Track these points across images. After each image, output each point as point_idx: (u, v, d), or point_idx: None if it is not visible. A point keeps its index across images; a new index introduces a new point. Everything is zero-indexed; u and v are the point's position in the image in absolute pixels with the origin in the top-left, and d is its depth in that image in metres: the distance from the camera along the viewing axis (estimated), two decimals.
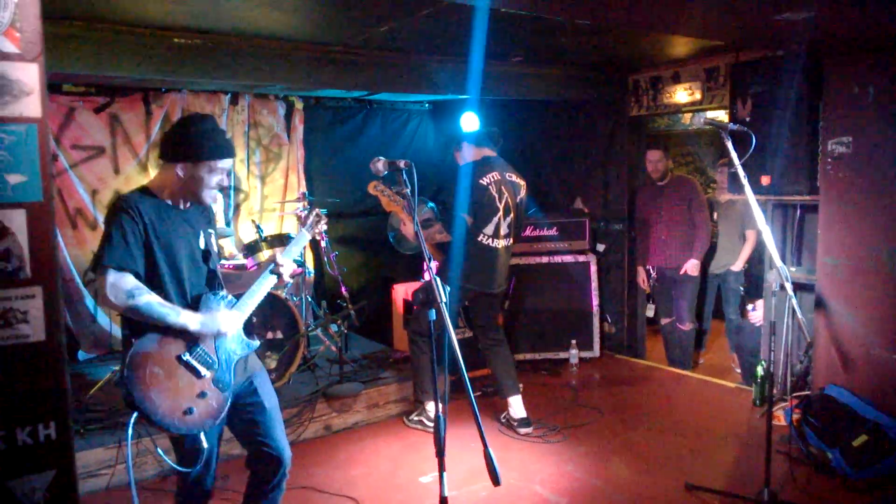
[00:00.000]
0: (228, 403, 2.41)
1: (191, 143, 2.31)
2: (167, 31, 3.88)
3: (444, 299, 2.11)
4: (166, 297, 2.30)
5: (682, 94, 5.32)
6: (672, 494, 3.44)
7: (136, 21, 3.71)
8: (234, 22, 3.83)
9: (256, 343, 2.54)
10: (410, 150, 6.73)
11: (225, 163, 2.38)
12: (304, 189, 6.05)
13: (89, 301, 5.29)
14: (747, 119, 4.22)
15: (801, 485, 3.49)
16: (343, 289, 5.24)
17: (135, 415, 2.21)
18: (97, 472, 3.54)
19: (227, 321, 2.39)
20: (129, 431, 2.20)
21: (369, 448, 4.13)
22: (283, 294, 4.49)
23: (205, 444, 2.35)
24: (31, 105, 1.81)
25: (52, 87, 5.01)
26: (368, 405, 4.49)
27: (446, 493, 2.12)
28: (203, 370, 2.33)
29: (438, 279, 2.11)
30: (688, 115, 6.99)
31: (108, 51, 3.79)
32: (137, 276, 2.24)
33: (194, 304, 2.38)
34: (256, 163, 5.97)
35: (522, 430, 4.25)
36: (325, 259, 5.26)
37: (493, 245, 4.18)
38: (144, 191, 2.37)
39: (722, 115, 6.14)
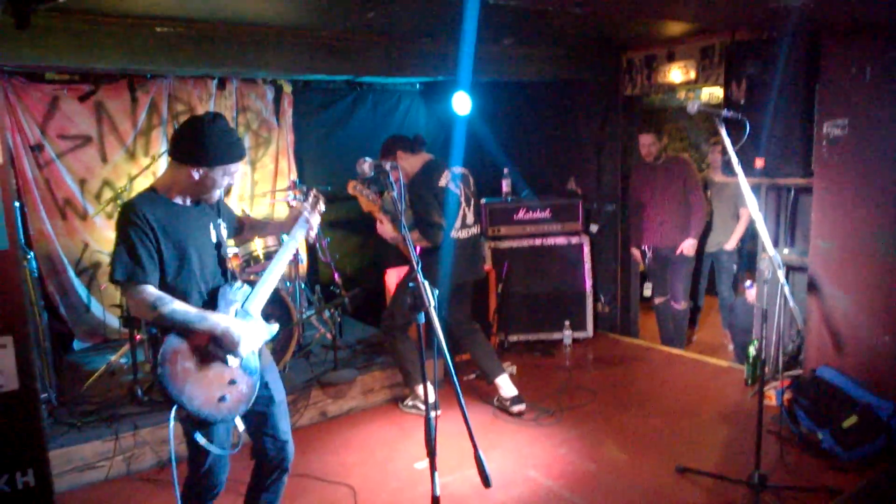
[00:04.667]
0: (258, 386, 2.48)
1: (207, 147, 2.28)
2: (149, 20, 3.80)
3: (432, 303, 2.11)
4: (185, 294, 2.35)
5: (676, 74, 5.26)
6: (664, 477, 3.48)
7: (116, 11, 3.62)
8: (217, 9, 3.75)
9: (276, 327, 2.58)
10: (402, 131, 6.63)
11: (237, 165, 2.38)
12: (294, 174, 6.01)
13: (82, 291, 5.29)
14: (742, 101, 4.18)
15: (791, 466, 3.53)
16: (336, 275, 5.24)
17: (175, 407, 2.28)
18: (95, 465, 3.57)
19: (248, 339, 2.41)
20: (171, 423, 2.29)
21: (365, 434, 4.16)
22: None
23: (241, 428, 2.46)
24: None
25: (35, 75, 4.94)
26: (363, 391, 4.52)
27: (438, 493, 2.14)
28: (230, 358, 2.39)
29: (427, 283, 2.10)
30: (682, 92, 6.93)
31: (90, 42, 3.71)
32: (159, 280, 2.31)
33: (211, 297, 2.43)
34: (246, 148, 5.90)
35: (516, 408, 4.27)
36: (318, 245, 5.23)
37: (463, 236, 4.23)
38: (151, 193, 2.37)
39: (717, 93, 6.10)
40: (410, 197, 4.16)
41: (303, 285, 5.31)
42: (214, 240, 2.48)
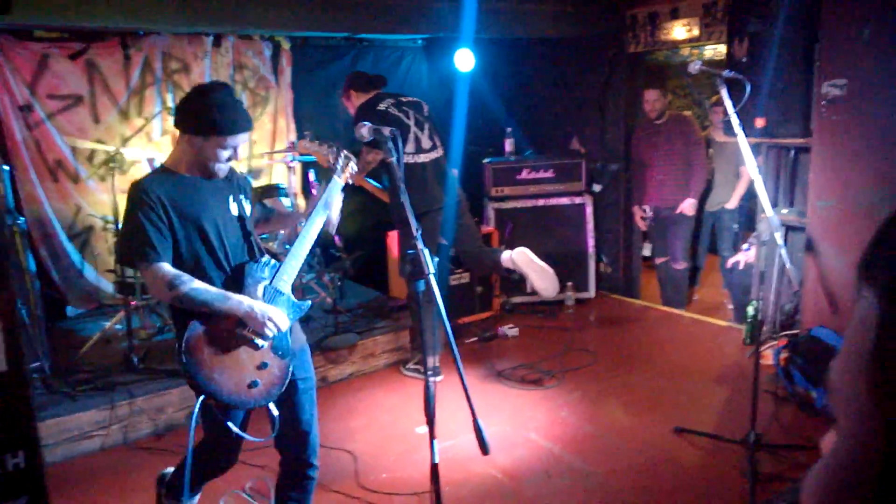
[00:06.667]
0: (291, 368, 2.36)
1: (200, 116, 2.19)
2: None
3: (432, 270, 2.08)
4: (203, 272, 2.24)
5: (680, 31, 5.14)
6: (662, 438, 3.52)
7: None
8: None
9: (308, 303, 2.47)
10: (404, 89, 6.50)
11: (236, 138, 2.24)
12: (293, 134, 5.92)
13: (74, 255, 5.19)
14: (744, 59, 4.10)
15: (786, 424, 3.58)
16: (336, 237, 5.20)
17: (201, 398, 2.17)
18: (91, 434, 3.55)
19: (275, 319, 2.26)
20: (195, 414, 2.17)
21: (367, 399, 4.19)
22: (274, 247, 4.46)
23: (275, 413, 2.34)
24: None
25: (23, 33, 4.80)
26: (364, 355, 4.53)
27: (437, 460, 2.15)
28: (260, 340, 2.27)
29: (427, 251, 2.07)
30: (686, 49, 6.79)
31: (81, 0, 3.61)
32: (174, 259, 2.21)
33: (236, 274, 2.31)
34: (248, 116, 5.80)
35: (515, 253, 4.07)
36: None
37: (420, 161, 4.16)
38: (161, 170, 2.30)
39: (721, 49, 5.97)
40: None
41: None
42: (235, 213, 2.36)
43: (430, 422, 2.14)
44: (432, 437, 2.14)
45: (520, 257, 3.95)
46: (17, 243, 3.75)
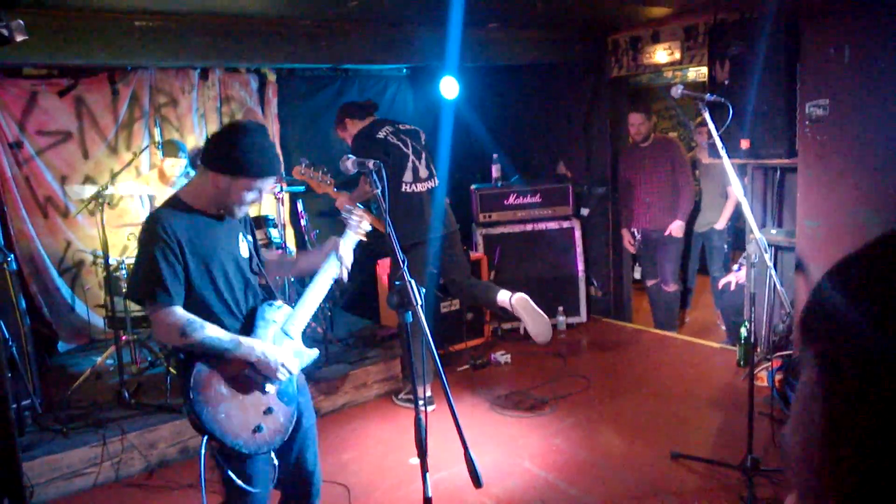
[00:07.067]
0: (295, 417, 2.32)
1: (232, 156, 2.12)
2: (127, 14, 3.71)
3: (419, 301, 2.08)
4: (211, 312, 2.17)
5: (661, 54, 5.21)
6: (658, 464, 3.49)
7: (93, 6, 3.55)
8: (196, 1, 3.67)
9: (316, 352, 2.44)
10: (390, 117, 6.55)
11: (265, 181, 2.20)
12: (282, 167, 5.93)
13: (65, 291, 5.19)
14: (726, 82, 4.16)
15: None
16: None
17: (205, 438, 2.12)
18: (83, 472, 3.51)
19: (290, 362, 2.26)
20: (203, 454, 2.11)
21: (359, 431, 4.14)
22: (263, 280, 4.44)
23: (275, 461, 2.29)
24: None
25: (12, 70, 4.83)
26: (356, 385, 4.49)
27: (430, 493, 2.13)
28: (267, 385, 2.24)
29: (414, 282, 2.07)
30: (669, 71, 6.88)
31: (68, 38, 3.63)
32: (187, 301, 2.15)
33: (248, 318, 2.27)
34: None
35: (515, 298, 4.05)
36: (307, 238, 5.18)
37: (417, 190, 4.16)
38: (176, 203, 2.20)
39: (704, 71, 6.05)
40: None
41: (292, 279, 5.26)
42: (245, 254, 2.31)
43: (422, 455, 2.13)
44: (424, 470, 2.12)
45: (520, 303, 3.99)
46: (8, 280, 3.72)
